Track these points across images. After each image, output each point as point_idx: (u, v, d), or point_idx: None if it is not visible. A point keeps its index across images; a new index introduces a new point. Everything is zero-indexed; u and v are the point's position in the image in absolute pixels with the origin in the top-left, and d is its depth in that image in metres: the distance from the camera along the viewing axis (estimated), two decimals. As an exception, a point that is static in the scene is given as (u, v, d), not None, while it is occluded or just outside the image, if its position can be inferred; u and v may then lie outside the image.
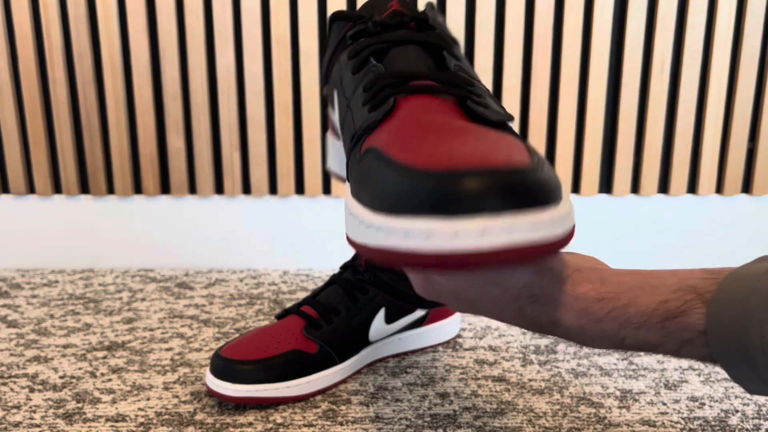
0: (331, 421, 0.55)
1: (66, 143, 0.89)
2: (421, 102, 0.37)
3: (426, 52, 0.42)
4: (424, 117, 0.36)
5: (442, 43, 0.42)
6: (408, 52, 0.41)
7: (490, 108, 0.37)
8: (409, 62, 0.40)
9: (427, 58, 0.41)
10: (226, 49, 0.85)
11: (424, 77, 0.39)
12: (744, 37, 0.83)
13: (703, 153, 0.87)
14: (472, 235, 0.26)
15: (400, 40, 0.42)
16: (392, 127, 0.35)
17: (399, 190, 0.28)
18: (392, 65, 0.41)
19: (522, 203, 0.27)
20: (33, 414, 0.56)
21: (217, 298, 0.82)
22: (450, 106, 0.37)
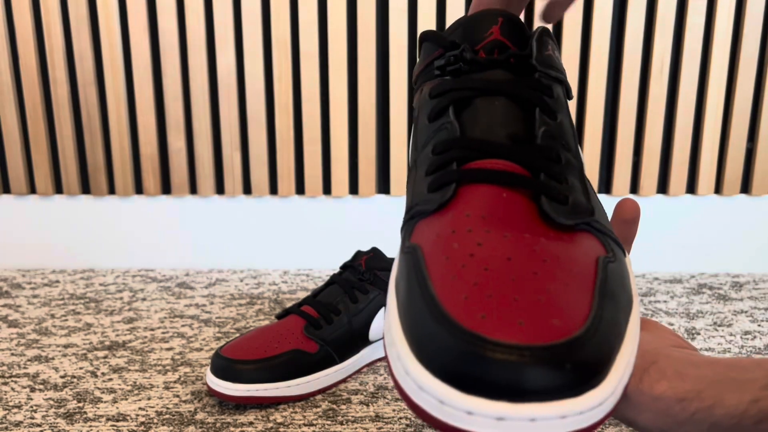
0: (332, 420, 0.55)
1: (67, 143, 0.89)
2: (486, 199, 0.31)
3: (517, 106, 0.34)
4: (481, 233, 0.29)
5: (534, 98, 0.34)
6: (494, 108, 0.34)
7: (568, 203, 0.31)
8: (492, 125, 0.33)
9: (514, 118, 0.34)
10: (226, 50, 0.85)
11: (500, 153, 0.32)
12: (743, 37, 0.84)
13: (702, 153, 0.87)
14: (487, 419, 0.23)
15: (488, 89, 0.34)
16: (443, 228, 0.30)
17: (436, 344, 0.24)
18: (470, 126, 0.34)
19: (554, 390, 0.23)
20: (34, 413, 0.56)
21: (218, 298, 0.83)
22: (520, 205, 0.31)
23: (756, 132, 0.87)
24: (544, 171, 0.31)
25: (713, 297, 0.83)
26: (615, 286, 0.28)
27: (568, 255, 0.28)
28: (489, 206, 0.30)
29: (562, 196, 0.31)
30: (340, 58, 0.85)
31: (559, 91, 0.36)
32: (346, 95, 0.87)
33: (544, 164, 0.32)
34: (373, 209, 0.91)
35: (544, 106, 0.34)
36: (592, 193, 0.34)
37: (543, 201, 0.30)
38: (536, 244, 0.28)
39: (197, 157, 0.89)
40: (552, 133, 0.33)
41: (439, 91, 0.35)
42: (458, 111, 0.35)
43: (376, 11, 0.84)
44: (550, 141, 0.33)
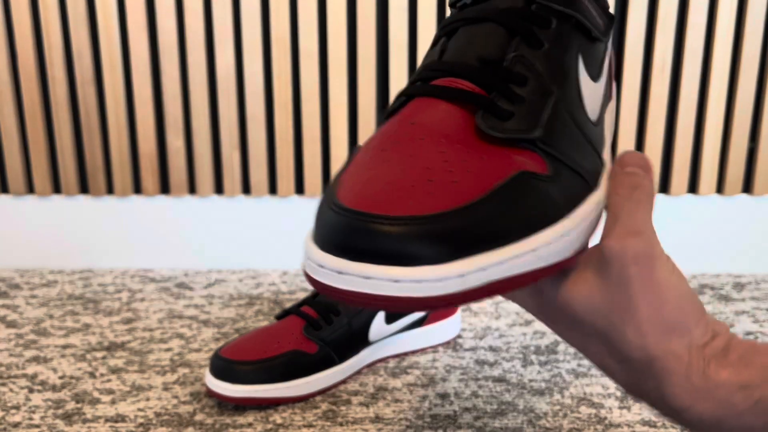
0: (331, 421, 0.55)
1: (65, 143, 0.88)
2: (424, 109, 0.33)
3: (499, 34, 0.34)
4: (399, 130, 0.32)
5: (518, 26, 0.34)
6: (473, 34, 0.34)
7: (510, 119, 0.31)
8: (467, 49, 0.34)
9: (491, 44, 0.34)
10: (225, 49, 0.85)
11: (461, 73, 0.33)
12: (744, 37, 0.83)
13: (703, 153, 0.87)
14: (330, 272, 0.28)
15: (476, 18, 0.35)
16: (375, 133, 0.33)
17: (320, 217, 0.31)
18: (449, 51, 0.35)
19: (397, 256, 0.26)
20: (32, 414, 0.56)
21: (217, 299, 0.82)
22: (456, 118, 0.32)
23: (758, 131, 0.87)
24: (498, 90, 0.32)
25: (715, 297, 0.82)
26: (521, 197, 0.29)
27: (478, 162, 0.29)
28: (423, 115, 0.32)
29: (505, 112, 0.31)
30: (340, 57, 0.85)
31: (562, 27, 0.34)
32: (346, 94, 0.86)
33: (501, 84, 0.32)
34: (373, 209, 0.91)
35: (527, 35, 0.33)
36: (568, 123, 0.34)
37: (478, 114, 0.31)
38: (448, 148, 0.30)
39: (196, 157, 0.89)
40: (526, 60, 0.33)
41: (442, 24, 0.37)
42: (446, 40, 0.36)
43: (376, 10, 0.84)
44: (518, 66, 0.33)
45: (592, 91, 0.36)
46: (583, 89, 0.35)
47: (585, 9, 0.35)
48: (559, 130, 0.33)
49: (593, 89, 0.36)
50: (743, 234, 0.91)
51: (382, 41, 0.85)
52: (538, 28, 0.34)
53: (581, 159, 0.34)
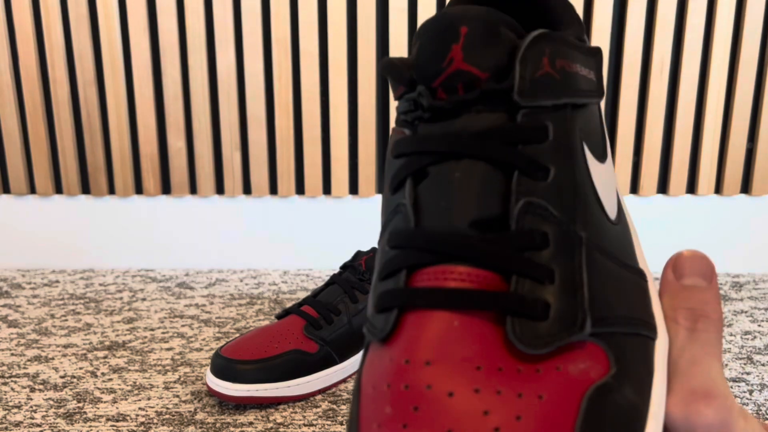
0: (332, 420, 0.55)
1: (67, 143, 0.89)
2: (433, 335, 0.23)
3: (487, 171, 0.24)
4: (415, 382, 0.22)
5: (510, 157, 0.24)
6: (454, 182, 0.25)
7: (549, 316, 0.22)
8: (451, 208, 0.24)
9: (482, 193, 0.24)
10: (226, 50, 0.85)
11: (458, 255, 0.23)
12: (743, 38, 0.84)
13: (702, 153, 0.87)
14: None
15: (447, 152, 0.25)
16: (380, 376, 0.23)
17: None
18: (427, 211, 0.25)
19: None
20: (34, 413, 0.56)
21: (218, 298, 0.83)
22: (478, 336, 0.22)
23: (756, 132, 0.87)
24: (518, 272, 0.23)
25: (713, 297, 0.83)
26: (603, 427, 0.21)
27: (536, 410, 0.21)
28: (435, 346, 0.23)
29: (538, 307, 0.22)
30: (340, 58, 0.85)
31: (564, 125, 0.25)
32: (346, 95, 0.87)
33: (517, 262, 0.23)
34: (373, 209, 0.91)
35: (526, 166, 0.24)
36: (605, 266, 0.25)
37: (508, 325, 0.22)
38: (492, 403, 0.21)
39: (197, 157, 0.89)
40: (535, 205, 0.24)
41: (397, 152, 0.27)
42: (416, 183, 0.26)
43: (376, 11, 0.84)
44: (529, 220, 0.24)
45: (605, 180, 0.28)
46: (598, 187, 0.27)
47: (575, 77, 0.26)
48: (602, 288, 0.24)
49: (604, 174, 0.28)
50: (741, 234, 0.91)
51: (382, 42, 0.85)
52: (536, 147, 0.25)
53: (633, 307, 0.25)
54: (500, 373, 0.22)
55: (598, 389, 0.22)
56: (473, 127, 0.25)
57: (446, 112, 0.25)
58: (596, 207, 0.26)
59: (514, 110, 0.25)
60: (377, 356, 0.24)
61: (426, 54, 0.25)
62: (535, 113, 0.25)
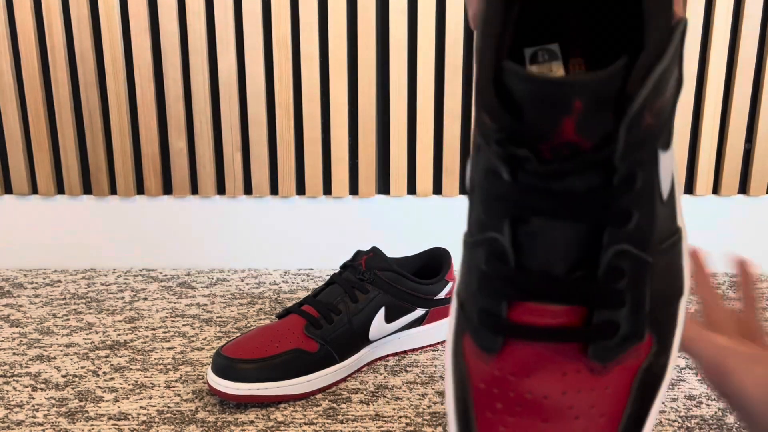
0: (332, 419, 0.56)
1: (69, 144, 0.89)
2: (531, 360, 0.30)
3: (581, 227, 0.29)
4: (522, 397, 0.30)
5: (602, 218, 0.28)
6: (554, 236, 0.29)
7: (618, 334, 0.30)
8: (549, 257, 0.29)
9: (576, 246, 0.29)
10: (227, 51, 0.86)
11: (553, 296, 0.29)
12: (741, 38, 0.84)
13: (700, 153, 0.88)
14: None
15: (550, 212, 0.28)
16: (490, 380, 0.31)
17: None
18: (526, 253, 0.30)
19: None
20: (36, 413, 0.57)
21: (219, 298, 0.83)
22: (565, 359, 0.30)
23: (754, 132, 0.87)
24: (600, 306, 0.29)
25: (712, 297, 0.83)
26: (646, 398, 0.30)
27: (604, 397, 0.30)
28: (533, 366, 0.30)
29: (612, 329, 0.30)
30: (340, 59, 0.86)
31: (651, 168, 0.29)
32: (346, 96, 0.87)
33: (600, 296, 0.29)
34: (373, 209, 0.92)
35: (615, 220, 0.28)
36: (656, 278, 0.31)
37: (590, 350, 0.30)
38: (574, 400, 0.30)
39: (198, 158, 0.89)
40: (620, 250, 0.29)
41: (495, 192, 0.30)
42: (514, 225, 0.30)
43: (376, 12, 0.84)
44: (614, 262, 0.29)
45: (666, 165, 0.31)
46: (661, 178, 0.30)
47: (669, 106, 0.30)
48: (657, 293, 0.31)
49: (667, 161, 0.31)
50: (739, 234, 0.91)
51: (383, 44, 0.86)
52: (625, 197, 0.28)
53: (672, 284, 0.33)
54: (579, 375, 0.30)
55: (643, 371, 0.30)
56: (573, 190, 0.28)
57: (547, 175, 0.28)
58: (657, 206, 0.30)
59: (611, 172, 0.27)
60: (483, 361, 0.31)
61: (535, 118, 0.26)
62: (632, 167, 0.28)
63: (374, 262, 0.65)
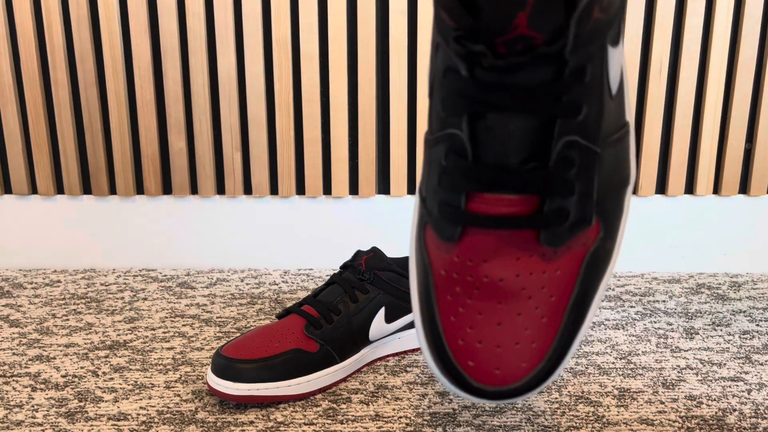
0: (332, 419, 0.56)
1: (68, 144, 0.89)
2: (487, 245, 0.33)
3: (534, 118, 0.31)
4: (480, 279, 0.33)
5: (555, 110, 0.30)
6: (508, 129, 0.31)
7: (568, 220, 0.32)
8: (505, 150, 0.31)
9: (530, 138, 0.31)
10: (227, 51, 0.86)
11: (508, 186, 0.31)
12: (741, 38, 0.84)
13: (700, 154, 0.88)
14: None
15: (506, 105, 0.30)
16: (449, 265, 0.34)
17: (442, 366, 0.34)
18: (483, 147, 0.31)
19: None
20: (35, 413, 0.56)
21: (219, 298, 0.83)
22: (519, 244, 0.32)
23: (754, 132, 0.87)
24: (551, 192, 0.31)
25: (712, 297, 0.83)
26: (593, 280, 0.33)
27: (554, 279, 0.33)
28: (489, 252, 0.33)
29: (562, 216, 0.32)
30: (340, 59, 0.86)
31: (600, 62, 0.30)
32: (346, 96, 0.87)
33: (552, 185, 0.31)
34: (373, 209, 0.92)
35: (566, 112, 0.30)
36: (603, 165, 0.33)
37: (541, 235, 0.32)
38: (527, 281, 0.32)
39: (198, 158, 0.89)
40: (570, 141, 0.31)
41: (455, 87, 0.31)
42: (472, 120, 0.32)
43: (376, 12, 0.84)
44: (564, 153, 0.31)
45: (614, 61, 0.32)
46: (609, 72, 0.32)
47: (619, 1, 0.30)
48: (604, 182, 0.33)
49: (615, 57, 0.32)
50: (740, 234, 0.91)
51: (383, 44, 0.86)
52: (575, 91, 0.30)
53: (619, 172, 0.35)
54: (532, 259, 0.32)
55: (590, 254, 0.32)
56: (527, 84, 0.29)
57: (503, 69, 0.29)
58: (606, 99, 0.32)
59: (562, 65, 0.29)
60: (443, 250, 0.34)
61: (491, 14, 0.28)
62: (582, 59, 0.29)
63: (374, 262, 0.65)
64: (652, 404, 0.57)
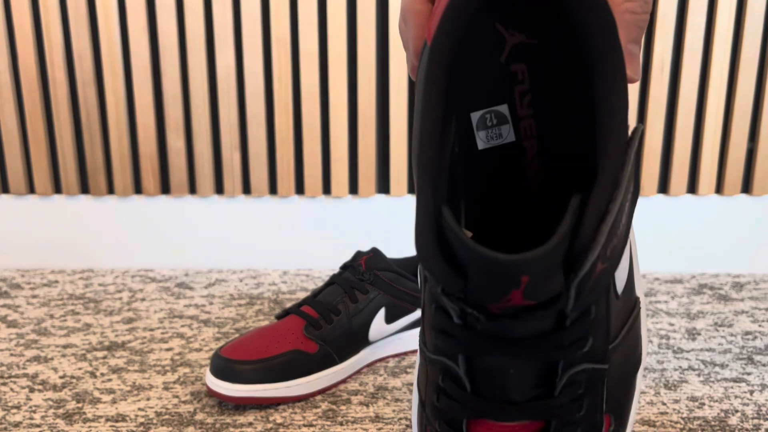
0: (331, 421, 0.55)
1: (66, 143, 0.89)
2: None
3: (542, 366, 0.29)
4: None
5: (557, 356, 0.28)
6: (508, 374, 0.29)
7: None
8: (505, 387, 0.29)
9: (532, 377, 0.29)
10: (226, 49, 0.85)
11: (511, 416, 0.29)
12: (744, 37, 0.84)
13: (702, 153, 0.87)
14: None
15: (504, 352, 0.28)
16: None
17: None
18: (482, 382, 0.30)
19: None
20: (33, 414, 0.56)
21: (217, 298, 0.82)
22: None
23: (757, 132, 0.87)
24: (558, 419, 0.29)
25: (714, 297, 0.82)
26: None
27: None
28: None
29: (570, 428, 0.30)
30: (340, 58, 0.85)
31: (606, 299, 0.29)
32: (346, 95, 0.87)
33: (559, 414, 0.29)
34: (373, 209, 0.91)
35: (569, 353, 0.28)
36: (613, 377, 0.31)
37: None
38: None
39: (197, 157, 0.89)
40: (577, 372, 0.29)
41: (445, 330, 0.29)
42: (468, 358, 0.30)
43: (376, 11, 0.84)
44: (571, 385, 0.29)
45: (620, 273, 0.31)
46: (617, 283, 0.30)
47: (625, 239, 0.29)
48: (613, 388, 0.31)
49: (622, 269, 0.31)
50: (742, 234, 0.91)
51: (382, 42, 0.85)
52: (580, 329, 0.28)
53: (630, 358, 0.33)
54: None
55: None
56: (525, 336, 0.27)
57: (502, 325, 0.27)
58: (613, 309, 0.30)
59: (563, 318, 0.27)
60: None
61: (482, 290, 0.26)
62: (583, 307, 0.27)
63: (374, 263, 0.65)
64: (654, 405, 0.57)
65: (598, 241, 0.25)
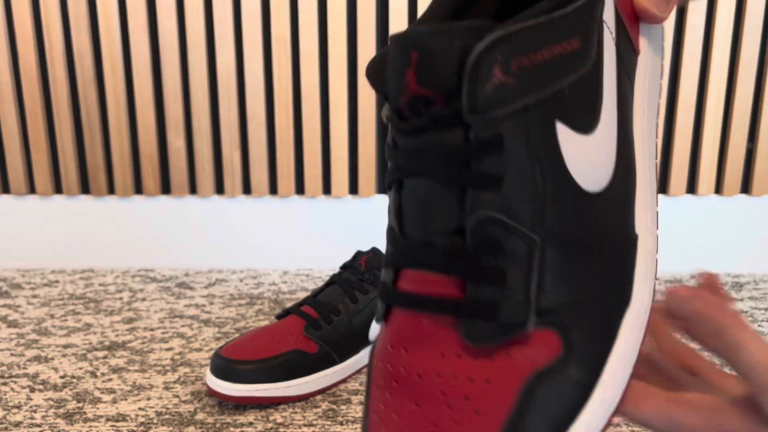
0: (331, 420, 0.55)
1: (66, 143, 0.89)
2: (408, 331, 0.28)
3: (445, 188, 0.27)
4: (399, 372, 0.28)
5: (460, 176, 0.26)
6: (421, 197, 0.28)
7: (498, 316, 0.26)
8: (421, 220, 0.28)
9: (443, 208, 0.27)
10: (226, 48, 0.85)
11: (426, 263, 0.27)
12: (743, 37, 0.84)
13: (702, 153, 0.87)
14: None
15: (412, 170, 0.27)
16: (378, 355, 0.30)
17: None
18: (407, 218, 0.28)
19: None
20: (34, 414, 0.56)
21: (218, 298, 0.82)
22: (440, 333, 0.27)
23: (756, 132, 0.87)
24: (472, 278, 0.26)
25: (713, 297, 0.82)
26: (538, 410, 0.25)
27: (482, 391, 0.26)
28: (410, 338, 0.28)
29: (489, 307, 0.26)
30: (340, 58, 0.85)
31: (522, 131, 0.26)
32: (346, 95, 0.87)
33: (471, 270, 0.26)
34: (373, 209, 0.91)
35: (476, 182, 0.26)
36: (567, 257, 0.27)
37: (461, 326, 0.26)
38: (447, 385, 0.26)
39: (197, 157, 0.89)
40: (489, 217, 0.26)
41: (387, 157, 0.29)
42: (398, 189, 0.29)
43: (376, 10, 0.84)
44: (484, 231, 0.26)
45: (587, 152, 0.28)
46: (572, 164, 0.28)
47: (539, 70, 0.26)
48: (555, 281, 0.27)
49: (588, 146, 0.28)
50: (742, 234, 0.91)
51: (383, 42, 0.85)
52: (490, 160, 0.26)
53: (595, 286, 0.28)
54: (459, 359, 0.26)
55: (540, 374, 0.26)
56: (433, 147, 0.26)
57: (410, 131, 0.27)
58: (564, 189, 0.27)
59: (467, 128, 0.26)
60: (380, 336, 0.30)
61: (389, 75, 0.26)
62: (489, 126, 0.25)
63: (374, 263, 0.65)
64: (653, 405, 0.57)
65: (493, 33, 0.24)
